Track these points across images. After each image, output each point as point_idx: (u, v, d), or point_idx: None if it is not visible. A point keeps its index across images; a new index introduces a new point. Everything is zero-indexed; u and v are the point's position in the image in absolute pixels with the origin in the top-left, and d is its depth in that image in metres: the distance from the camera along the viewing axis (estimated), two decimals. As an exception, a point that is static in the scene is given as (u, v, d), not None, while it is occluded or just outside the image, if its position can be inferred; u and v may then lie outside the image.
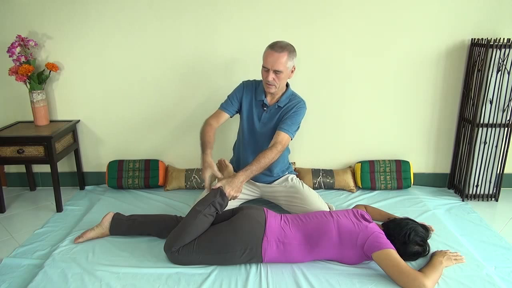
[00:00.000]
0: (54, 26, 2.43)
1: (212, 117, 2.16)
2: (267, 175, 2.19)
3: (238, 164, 2.24)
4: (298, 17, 2.41)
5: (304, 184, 2.22)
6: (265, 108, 2.11)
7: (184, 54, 2.48)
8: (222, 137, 2.57)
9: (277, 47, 1.95)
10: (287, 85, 2.13)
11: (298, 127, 2.10)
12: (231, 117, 2.18)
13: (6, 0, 2.38)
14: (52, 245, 1.94)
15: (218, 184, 1.84)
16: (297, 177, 2.30)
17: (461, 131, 2.55)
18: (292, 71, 2.05)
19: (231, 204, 2.00)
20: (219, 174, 1.91)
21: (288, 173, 2.28)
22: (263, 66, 2.00)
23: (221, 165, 2.09)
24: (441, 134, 2.64)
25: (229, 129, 2.55)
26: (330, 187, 2.57)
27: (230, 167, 2.05)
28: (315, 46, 2.46)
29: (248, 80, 2.20)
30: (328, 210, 2.06)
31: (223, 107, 2.16)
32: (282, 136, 2.00)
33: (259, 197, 2.29)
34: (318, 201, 2.10)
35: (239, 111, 2.19)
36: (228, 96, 2.18)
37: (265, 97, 2.11)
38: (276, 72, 1.96)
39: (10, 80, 2.47)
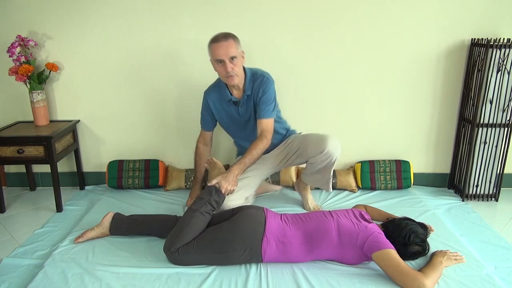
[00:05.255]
0: (54, 26, 2.43)
1: (199, 139, 2.32)
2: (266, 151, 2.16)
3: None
4: (297, 17, 2.41)
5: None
6: (238, 105, 2.10)
7: (184, 54, 2.48)
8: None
9: (221, 37, 1.95)
10: (244, 69, 2.10)
11: (275, 102, 2.08)
12: (212, 130, 2.28)
13: (6, 0, 2.39)
14: (52, 245, 1.94)
15: (214, 181, 1.86)
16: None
17: (461, 131, 2.55)
18: (243, 56, 2.04)
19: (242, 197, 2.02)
20: None
21: (288, 136, 2.25)
22: (216, 61, 1.97)
23: (210, 164, 2.10)
24: (441, 134, 2.64)
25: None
26: (332, 186, 2.56)
27: (219, 163, 2.09)
28: (314, 46, 2.46)
29: (208, 88, 2.20)
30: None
31: (202, 125, 2.27)
32: (265, 123, 2.03)
33: (273, 167, 2.21)
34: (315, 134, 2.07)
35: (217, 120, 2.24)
36: (201, 113, 2.24)
37: (232, 94, 2.09)
38: (232, 59, 1.94)
39: (10, 80, 2.47)
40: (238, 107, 2.11)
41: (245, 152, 1.98)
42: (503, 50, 2.25)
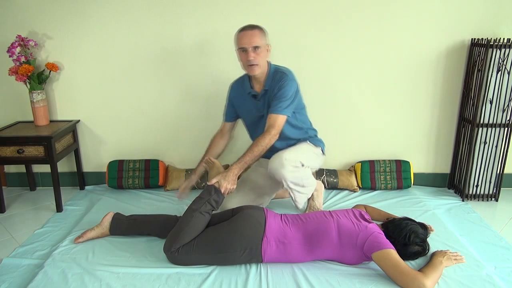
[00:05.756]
0: (54, 26, 2.43)
1: (218, 130, 2.27)
2: (270, 153, 2.10)
3: (271, 150, 2.11)
4: (299, 17, 2.41)
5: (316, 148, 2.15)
6: (257, 98, 2.09)
7: (184, 54, 2.48)
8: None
9: (248, 27, 1.96)
10: (270, 65, 2.07)
11: (292, 101, 2.01)
12: (232, 122, 2.24)
13: (6, 0, 2.39)
14: (52, 245, 1.94)
15: (214, 180, 1.86)
16: (322, 151, 2.20)
17: (461, 131, 2.55)
18: (268, 50, 2.02)
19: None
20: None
21: (303, 141, 2.16)
22: (240, 49, 1.96)
23: (208, 164, 2.10)
24: (441, 134, 2.64)
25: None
26: (334, 186, 2.58)
27: (217, 163, 2.07)
28: (315, 46, 2.46)
29: (234, 81, 2.20)
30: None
31: (224, 115, 2.24)
32: (273, 118, 1.97)
33: None
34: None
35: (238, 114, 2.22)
36: (225, 105, 2.24)
37: (252, 88, 2.09)
38: (255, 48, 1.93)
39: (10, 80, 2.47)
40: (256, 101, 2.10)
41: (247, 150, 1.94)
42: (503, 50, 2.25)
